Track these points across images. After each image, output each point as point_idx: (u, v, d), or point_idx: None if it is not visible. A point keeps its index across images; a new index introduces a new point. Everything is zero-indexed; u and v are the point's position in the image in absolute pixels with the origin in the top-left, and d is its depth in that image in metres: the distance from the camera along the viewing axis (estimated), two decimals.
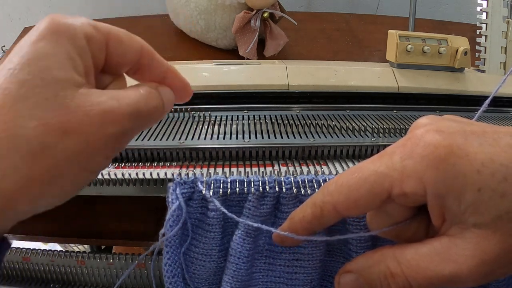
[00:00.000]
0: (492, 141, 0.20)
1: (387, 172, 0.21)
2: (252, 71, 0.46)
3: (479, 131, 0.20)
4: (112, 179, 0.31)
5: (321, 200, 0.23)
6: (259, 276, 0.32)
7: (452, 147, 0.19)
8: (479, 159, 0.19)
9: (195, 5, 0.62)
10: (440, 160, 0.19)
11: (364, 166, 0.22)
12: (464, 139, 0.20)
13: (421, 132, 0.21)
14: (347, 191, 0.22)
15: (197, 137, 0.35)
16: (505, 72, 0.52)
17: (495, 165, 0.19)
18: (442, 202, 0.20)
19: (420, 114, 0.42)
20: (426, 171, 0.20)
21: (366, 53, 0.69)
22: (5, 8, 1.03)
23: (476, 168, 0.19)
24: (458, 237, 0.20)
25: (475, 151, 0.19)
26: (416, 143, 0.20)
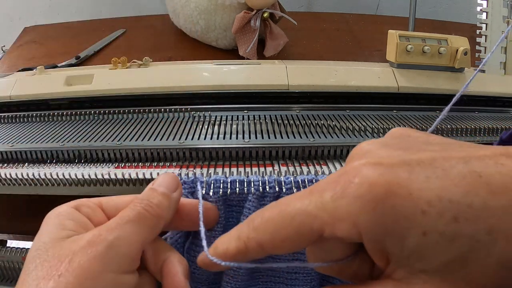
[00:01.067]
0: (442, 172, 0.17)
1: (316, 213, 0.18)
2: (252, 71, 0.46)
3: (427, 160, 0.17)
4: (112, 179, 0.31)
5: (246, 235, 0.21)
6: (259, 276, 0.32)
7: (391, 186, 0.17)
8: (425, 198, 0.16)
9: (195, 5, 0.62)
10: (377, 202, 0.17)
11: (291, 203, 0.20)
12: (408, 173, 0.17)
13: (357, 165, 0.18)
14: (273, 229, 0.20)
15: (197, 137, 0.35)
16: (505, 72, 0.52)
17: (443, 203, 0.16)
18: (382, 246, 0.18)
19: (420, 114, 0.42)
20: (361, 214, 0.17)
21: (366, 53, 0.69)
22: (5, 8, 1.03)
23: (420, 208, 0.16)
24: (404, 282, 0.18)
25: (419, 187, 0.16)
26: (350, 180, 0.18)
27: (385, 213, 0.17)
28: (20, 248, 0.42)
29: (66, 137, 0.38)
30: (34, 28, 0.82)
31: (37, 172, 0.33)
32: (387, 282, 0.18)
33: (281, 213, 0.20)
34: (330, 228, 0.18)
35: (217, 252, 0.23)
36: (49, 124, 0.42)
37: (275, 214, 0.20)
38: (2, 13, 1.03)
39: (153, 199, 0.24)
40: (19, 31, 0.81)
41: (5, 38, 0.83)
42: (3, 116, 0.43)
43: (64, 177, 0.33)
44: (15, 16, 1.03)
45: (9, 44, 0.77)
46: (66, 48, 0.71)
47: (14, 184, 0.34)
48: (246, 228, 0.21)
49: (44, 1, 1.01)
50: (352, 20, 0.81)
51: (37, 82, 0.46)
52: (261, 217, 0.21)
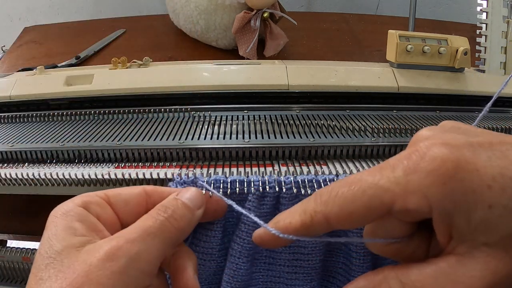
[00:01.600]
0: (500, 153, 0.18)
1: (389, 186, 0.19)
2: (252, 71, 0.46)
3: (485, 143, 0.19)
4: (112, 179, 0.31)
5: (313, 209, 0.22)
6: (259, 276, 0.32)
7: (460, 162, 0.18)
8: (490, 174, 0.18)
9: (195, 5, 0.62)
10: (448, 176, 0.18)
11: (362, 178, 0.20)
12: (472, 152, 0.18)
13: (426, 144, 0.19)
14: (342, 202, 0.20)
15: (197, 137, 0.35)
16: (505, 72, 0.52)
17: (505, 179, 0.18)
18: (449, 219, 0.19)
19: (420, 114, 0.42)
20: (432, 187, 0.18)
21: (366, 53, 0.69)
22: (5, 8, 1.03)
23: (486, 183, 0.18)
24: (466, 257, 0.19)
25: (484, 165, 0.18)
26: (421, 157, 0.19)
27: (455, 187, 0.18)
28: (20, 248, 0.42)
29: (66, 137, 0.38)
30: (34, 28, 0.82)
31: (37, 172, 0.33)
32: (450, 257, 0.19)
33: (352, 187, 0.20)
34: (401, 201, 0.19)
35: (278, 226, 0.23)
36: (49, 124, 0.42)
37: (345, 188, 0.20)
38: (2, 13, 1.03)
39: (177, 210, 0.23)
40: (19, 31, 0.81)
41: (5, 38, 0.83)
42: (3, 116, 0.43)
43: (64, 177, 0.33)
44: (15, 16, 1.03)
45: (9, 44, 0.77)
46: (66, 48, 0.71)
47: (14, 184, 0.34)
48: (313, 202, 0.22)
49: (44, 1, 1.01)
50: (352, 20, 0.81)
51: (37, 82, 0.46)
52: (329, 192, 0.21)
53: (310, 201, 0.22)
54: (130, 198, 0.24)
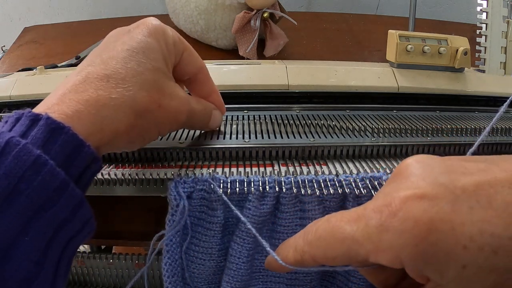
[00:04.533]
0: (486, 200, 0.17)
1: (362, 241, 0.19)
2: (252, 71, 0.46)
3: (470, 187, 0.18)
4: (112, 179, 0.31)
5: (301, 248, 0.23)
6: (259, 276, 0.32)
7: (435, 222, 0.17)
8: (467, 233, 0.17)
9: (195, 5, 0.62)
10: (420, 238, 0.18)
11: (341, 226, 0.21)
12: (451, 205, 0.17)
13: (402, 197, 0.19)
14: (325, 247, 0.21)
15: (197, 137, 0.35)
16: (505, 72, 0.52)
17: (484, 237, 0.17)
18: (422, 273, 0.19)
19: (420, 114, 0.42)
20: (404, 248, 0.18)
21: (366, 53, 0.69)
22: (5, 8, 1.03)
23: (462, 244, 0.17)
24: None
25: (462, 221, 0.17)
26: (394, 213, 0.18)
27: (426, 249, 0.17)
28: None
29: None
30: (34, 28, 0.82)
31: None
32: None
33: (332, 234, 0.21)
34: (374, 256, 0.19)
35: (279, 255, 0.25)
36: None
37: (326, 234, 0.22)
38: (2, 13, 1.03)
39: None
40: (19, 31, 0.81)
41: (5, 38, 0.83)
42: (3, 116, 0.43)
43: None
44: (15, 16, 1.03)
45: (9, 44, 0.77)
46: (66, 48, 0.71)
47: None
48: (301, 241, 0.23)
49: (44, 1, 1.01)
50: (352, 20, 0.81)
51: (37, 82, 0.46)
52: (314, 232, 0.22)
53: (299, 239, 0.24)
54: (192, 62, 0.31)
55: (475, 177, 0.18)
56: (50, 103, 0.24)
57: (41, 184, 0.20)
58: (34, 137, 0.21)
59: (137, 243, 0.41)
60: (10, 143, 0.20)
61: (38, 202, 0.20)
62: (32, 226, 0.20)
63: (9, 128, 0.22)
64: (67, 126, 0.22)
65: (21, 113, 0.23)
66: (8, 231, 0.19)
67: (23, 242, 0.20)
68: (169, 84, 0.28)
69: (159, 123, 0.27)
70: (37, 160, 0.20)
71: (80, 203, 0.22)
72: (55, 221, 0.21)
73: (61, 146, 0.22)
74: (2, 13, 1.03)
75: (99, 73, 0.25)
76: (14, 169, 0.20)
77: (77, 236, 0.22)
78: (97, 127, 0.24)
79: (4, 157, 0.20)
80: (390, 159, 0.34)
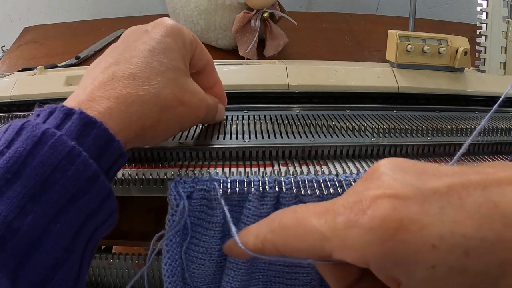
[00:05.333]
0: (458, 201, 0.17)
1: (328, 236, 0.19)
2: (252, 71, 0.46)
3: (442, 188, 0.17)
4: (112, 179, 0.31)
5: (263, 235, 0.23)
6: (259, 276, 0.32)
7: (403, 221, 0.17)
8: (436, 232, 0.16)
9: (195, 5, 0.62)
10: (388, 236, 0.17)
11: (307, 218, 0.20)
12: (421, 205, 0.17)
13: (372, 195, 0.18)
14: (287, 237, 0.21)
15: (197, 137, 0.35)
16: (505, 72, 0.52)
17: (455, 238, 0.16)
18: (389, 274, 0.18)
19: (420, 114, 0.42)
20: (370, 246, 0.17)
21: (366, 53, 0.69)
22: (5, 8, 1.03)
23: (430, 243, 0.16)
24: None
25: (431, 221, 0.17)
26: (364, 210, 0.18)
27: (394, 247, 0.17)
28: None
29: None
30: (34, 28, 0.82)
31: None
32: None
33: (298, 225, 0.21)
34: (339, 252, 0.19)
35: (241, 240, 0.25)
36: None
37: (292, 224, 0.21)
38: (2, 13, 1.03)
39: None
40: (19, 31, 0.81)
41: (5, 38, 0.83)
42: (3, 116, 0.43)
43: None
44: (15, 16, 1.03)
45: (9, 44, 0.77)
46: (66, 48, 0.71)
47: None
48: (264, 228, 0.23)
49: (44, 1, 1.01)
50: (352, 20, 0.81)
51: (37, 82, 0.46)
52: (279, 221, 0.22)
53: (263, 225, 0.23)
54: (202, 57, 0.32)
55: (447, 179, 0.18)
56: (80, 100, 0.25)
57: (75, 174, 0.21)
58: (68, 130, 0.22)
59: (137, 243, 0.41)
60: (46, 134, 0.21)
61: (71, 191, 0.21)
62: (64, 214, 0.21)
63: (42, 120, 0.23)
64: (99, 121, 0.23)
65: (54, 107, 0.23)
66: (41, 218, 0.20)
67: (54, 229, 0.20)
68: (189, 82, 0.29)
69: (181, 119, 0.29)
70: (71, 151, 0.21)
71: (108, 194, 0.23)
72: (85, 211, 0.22)
73: (93, 139, 0.23)
74: (2, 13, 1.03)
75: (125, 71, 0.26)
76: (50, 158, 0.21)
77: (101, 227, 0.24)
78: (126, 123, 0.25)
79: (41, 146, 0.21)
80: None
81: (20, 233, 0.19)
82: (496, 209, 0.16)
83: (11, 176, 0.20)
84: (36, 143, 0.21)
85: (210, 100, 0.32)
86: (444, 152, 0.36)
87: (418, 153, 0.35)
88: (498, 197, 0.17)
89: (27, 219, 0.19)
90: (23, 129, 0.21)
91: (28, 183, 0.20)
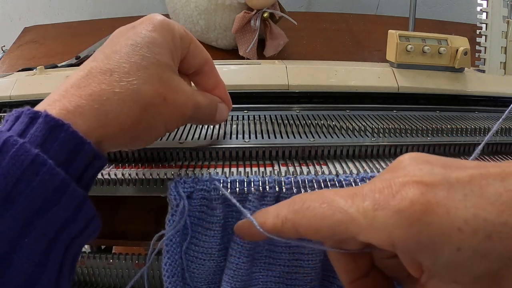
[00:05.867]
0: (479, 190, 0.18)
1: (356, 216, 0.19)
2: (252, 71, 0.46)
3: (465, 178, 0.18)
4: (112, 179, 0.31)
5: (284, 215, 0.23)
6: (259, 276, 0.32)
7: (431, 204, 0.18)
8: (462, 216, 0.17)
9: (195, 5, 0.62)
10: (415, 218, 0.18)
11: (335, 199, 0.21)
12: (447, 191, 0.18)
13: (401, 181, 0.19)
14: (311, 217, 0.21)
15: (197, 137, 0.35)
16: (505, 72, 0.52)
17: (478, 221, 0.17)
18: (414, 258, 0.19)
19: (420, 114, 0.42)
20: (398, 227, 0.18)
21: (366, 53, 0.69)
22: (5, 8, 1.03)
23: (457, 226, 0.17)
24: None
25: (457, 206, 0.17)
26: (393, 194, 0.19)
27: (421, 229, 0.18)
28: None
29: None
30: (34, 28, 0.82)
31: None
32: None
33: (323, 205, 0.21)
34: (366, 233, 0.19)
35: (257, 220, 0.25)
36: None
37: (317, 204, 0.21)
38: (2, 13, 1.03)
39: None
40: (19, 31, 0.81)
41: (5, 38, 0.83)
42: (3, 116, 0.43)
43: None
44: (15, 16, 1.03)
45: (9, 44, 0.76)
46: (66, 48, 0.71)
47: None
48: (286, 209, 0.23)
49: (44, 1, 1.01)
50: (352, 20, 0.81)
51: (37, 82, 0.46)
52: (303, 202, 0.22)
53: (284, 206, 0.23)
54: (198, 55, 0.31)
55: (468, 170, 0.19)
56: (51, 100, 0.23)
57: (40, 185, 0.20)
58: (32, 136, 0.21)
59: (137, 243, 0.41)
60: (7, 143, 0.20)
61: (37, 203, 0.20)
62: (32, 227, 0.19)
63: (8, 127, 0.22)
64: (67, 123, 0.21)
65: (20, 111, 0.22)
66: (7, 233, 0.19)
67: (23, 244, 0.19)
68: (174, 78, 0.27)
69: (165, 118, 0.27)
70: (35, 160, 0.20)
71: (82, 202, 0.21)
72: (56, 222, 0.20)
73: (60, 144, 0.21)
74: (2, 13, 1.03)
75: (102, 67, 0.25)
76: (12, 169, 0.19)
77: (80, 236, 0.22)
78: (101, 122, 0.23)
79: (1, 157, 0.19)
80: (390, 159, 0.34)
81: None
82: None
83: None
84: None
85: (201, 99, 0.30)
86: (444, 152, 0.36)
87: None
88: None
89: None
90: None
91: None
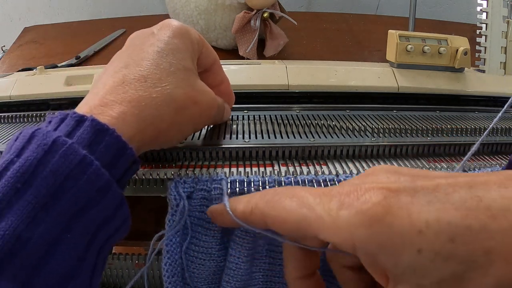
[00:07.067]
0: (444, 196, 0.18)
1: (321, 214, 0.20)
2: (252, 71, 0.46)
3: (431, 186, 0.19)
4: None
5: (255, 203, 0.24)
6: (259, 276, 0.32)
7: (392, 207, 0.18)
8: (423, 219, 0.17)
9: (195, 5, 0.62)
10: (376, 219, 0.18)
11: (305, 196, 0.21)
12: (411, 197, 0.18)
13: (367, 186, 0.19)
14: (280, 209, 0.22)
15: (197, 137, 0.35)
16: (505, 72, 0.52)
17: (441, 224, 0.17)
18: (375, 261, 0.19)
19: (420, 114, 0.42)
20: (359, 227, 0.18)
21: (366, 53, 0.69)
22: (5, 8, 1.03)
23: (417, 228, 0.17)
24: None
25: (419, 210, 0.18)
26: (358, 197, 0.19)
27: (381, 230, 0.18)
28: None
29: None
30: (34, 28, 0.82)
31: None
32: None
33: (293, 199, 0.22)
34: (327, 232, 0.20)
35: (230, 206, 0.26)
36: None
37: (288, 198, 0.22)
38: (2, 13, 1.03)
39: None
40: (19, 31, 0.81)
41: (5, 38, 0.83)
42: (3, 116, 0.43)
43: None
44: (15, 16, 1.03)
45: (9, 44, 0.77)
46: (66, 48, 0.71)
47: None
48: (258, 197, 0.24)
49: (44, 1, 1.01)
50: (352, 20, 0.81)
51: (37, 82, 0.46)
52: (274, 194, 0.23)
53: (256, 195, 0.25)
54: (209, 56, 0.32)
55: (436, 180, 0.19)
56: (91, 105, 0.24)
57: (87, 184, 0.21)
58: (79, 137, 0.22)
59: (137, 243, 0.41)
60: (57, 142, 0.21)
61: (82, 200, 0.21)
62: (75, 223, 0.21)
63: (54, 127, 0.22)
64: (112, 128, 0.23)
65: (65, 113, 0.23)
66: (53, 228, 0.20)
67: (66, 239, 0.20)
68: (198, 82, 0.29)
69: (195, 119, 0.29)
70: (83, 160, 0.21)
71: (120, 202, 0.23)
72: (97, 219, 0.22)
73: (105, 147, 0.22)
74: (2, 13, 1.03)
75: (136, 74, 0.26)
76: (61, 167, 0.20)
77: (115, 234, 0.23)
78: (141, 127, 0.25)
79: (51, 155, 0.20)
80: (390, 159, 0.34)
81: (30, 244, 0.19)
82: (480, 203, 0.17)
83: (21, 185, 0.19)
84: (47, 152, 0.20)
85: (219, 100, 0.32)
86: (444, 152, 0.36)
87: (418, 153, 0.35)
88: (483, 193, 0.17)
89: (38, 230, 0.19)
90: (33, 137, 0.21)
91: (39, 193, 0.20)
